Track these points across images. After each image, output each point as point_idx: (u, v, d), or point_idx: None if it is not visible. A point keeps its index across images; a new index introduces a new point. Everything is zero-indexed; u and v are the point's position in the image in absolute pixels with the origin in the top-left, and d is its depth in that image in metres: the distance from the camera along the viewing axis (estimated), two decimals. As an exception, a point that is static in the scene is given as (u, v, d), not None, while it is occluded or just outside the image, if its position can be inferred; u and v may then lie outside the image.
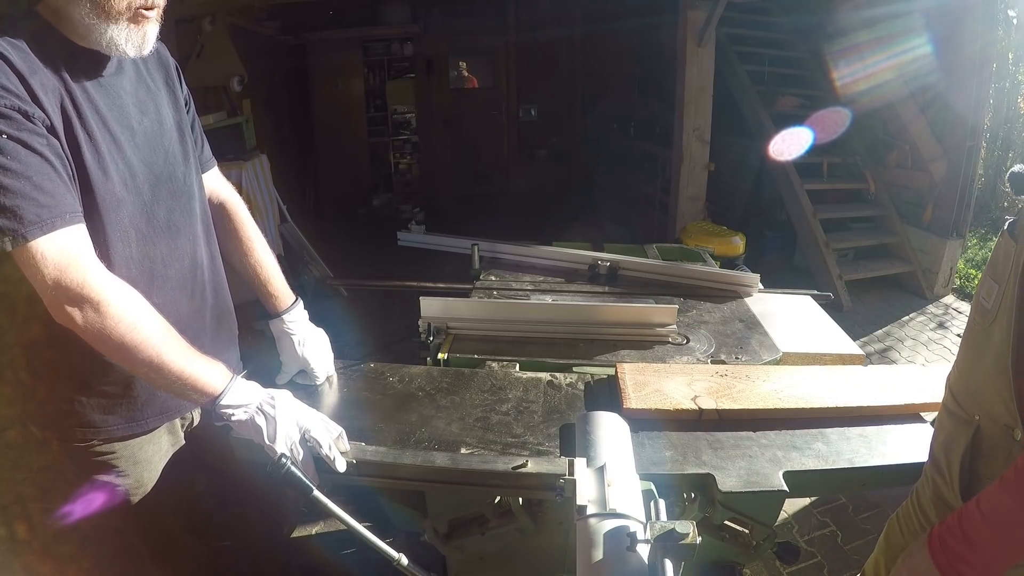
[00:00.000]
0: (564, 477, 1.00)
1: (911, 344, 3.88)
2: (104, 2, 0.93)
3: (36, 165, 0.89)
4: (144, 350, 0.96)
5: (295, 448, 1.04)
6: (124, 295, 0.96)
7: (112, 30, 0.95)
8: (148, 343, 0.96)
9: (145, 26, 0.99)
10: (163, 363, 0.97)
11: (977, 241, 5.49)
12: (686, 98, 4.79)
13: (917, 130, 4.61)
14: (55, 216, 0.91)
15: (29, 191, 0.88)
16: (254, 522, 1.52)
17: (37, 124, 0.90)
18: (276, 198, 4.42)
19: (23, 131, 0.88)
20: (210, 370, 1.03)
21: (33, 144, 0.89)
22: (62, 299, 0.92)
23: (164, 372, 0.98)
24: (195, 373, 1.01)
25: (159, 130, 1.10)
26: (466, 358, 1.64)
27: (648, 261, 2.37)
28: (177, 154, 1.13)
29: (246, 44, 4.95)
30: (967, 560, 0.88)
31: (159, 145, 1.10)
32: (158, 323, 0.99)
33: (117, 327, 0.94)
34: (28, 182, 0.88)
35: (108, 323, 0.93)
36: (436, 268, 2.68)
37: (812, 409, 1.31)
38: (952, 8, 4.18)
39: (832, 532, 2.28)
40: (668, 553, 0.81)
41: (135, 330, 0.95)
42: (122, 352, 0.96)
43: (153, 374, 0.99)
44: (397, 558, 1.04)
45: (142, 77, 1.11)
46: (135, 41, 0.98)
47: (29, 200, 0.88)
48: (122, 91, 1.05)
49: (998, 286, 0.95)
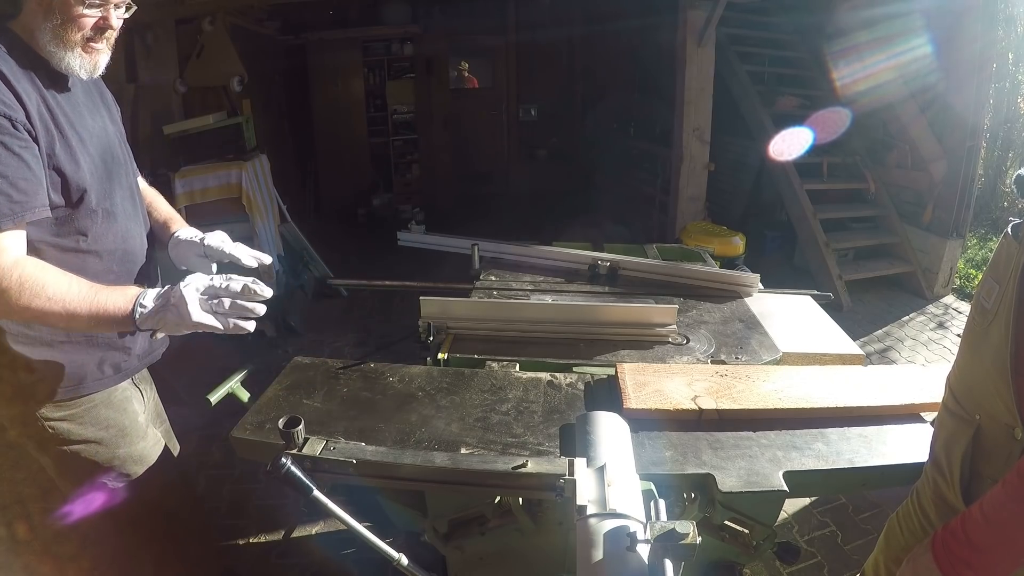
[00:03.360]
0: (564, 477, 1.00)
1: (911, 344, 3.88)
2: (62, 34, 1.13)
3: (14, 166, 1.05)
4: (52, 307, 1.07)
5: (214, 306, 1.10)
6: (21, 269, 1.06)
7: (68, 56, 1.15)
8: (52, 301, 1.06)
9: (96, 56, 1.18)
10: (72, 311, 1.07)
11: (977, 241, 5.48)
12: (686, 98, 4.79)
13: (917, 130, 4.60)
14: (25, 210, 1.07)
15: (5, 187, 1.04)
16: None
17: (20, 129, 1.06)
18: (276, 198, 4.41)
19: (5, 134, 1.04)
20: (116, 297, 1.11)
21: (11, 145, 1.05)
22: None
23: (78, 317, 1.08)
24: (103, 304, 1.09)
25: (105, 134, 1.30)
26: (466, 358, 1.64)
27: (648, 261, 2.37)
28: (119, 154, 1.34)
29: (246, 44, 4.95)
30: (971, 564, 0.88)
31: (107, 145, 1.29)
32: (58, 280, 1.08)
33: (20, 299, 1.05)
34: (5, 180, 1.04)
35: (11, 301, 1.04)
36: (436, 268, 2.68)
37: (812, 409, 1.31)
38: (952, 8, 4.18)
39: (832, 532, 2.28)
40: (668, 553, 0.81)
41: (36, 298, 1.05)
42: (37, 319, 1.10)
43: (73, 323, 1.10)
44: (397, 558, 1.04)
45: (89, 91, 1.31)
46: (87, 67, 1.18)
47: (4, 196, 1.04)
48: (78, 100, 1.24)
49: (998, 286, 0.95)
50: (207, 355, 2.52)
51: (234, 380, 1.45)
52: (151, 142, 3.95)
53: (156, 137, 3.97)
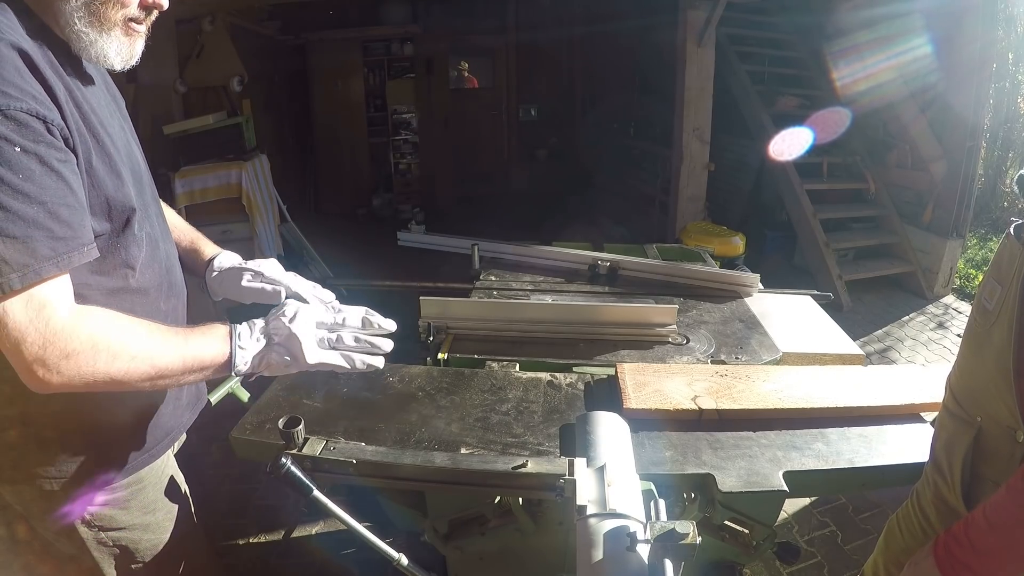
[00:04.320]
0: (564, 477, 1.00)
1: (911, 344, 3.88)
2: (99, 11, 0.86)
3: (51, 188, 0.78)
4: (138, 368, 0.86)
5: (332, 342, 0.99)
6: (86, 325, 0.83)
7: (103, 40, 0.88)
8: (137, 360, 0.86)
9: (135, 41, 0.93)
10: (162, 368, 0.88)
11: (977, 241, 5.48)
12: (686, 98, 4.79)
13: (917, 130, 4.61)
14: (71, 250, 0.81)
15: (42, 221, 0.77)
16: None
17: (56, 135, 0.80)
18: (276, 198, 4.42)
19: (40, 143, 0.78)
20: (209, 342, 0.93)
21: (49, 160, 0.78)
22: (31, 360, 0.79)
23: (168, 374, 0.89)
24: (197, 356, 0.92)
25: (124, 134, 1.03)
26: (466, 358, 1.64)
27: (648, 261, 2.37)
28: (140, 158, 1.07)
29: (246, 44, 4.95)
30: (973, 568, 0.88)
31: (131, 147, 1.04)
32: (135, 331, 0.87)
33: (96, 365, 0.82)
34: (41, 208, 0.77)
35: (85, 370, 0.82)
36: (436, 268, 2.68)
37: (812, 409, 1.31)
38: (952, 8, 4.18)
39: (832, 532, 2.28)
40: (668, 553, 0.81)
41: (116, 359, 0.84)
42: (115, 383, 0.85)
43: (160, 382, 0.90)
44: (397, 558, 1.04)
45: (103, 85, 1.04)
46: (124, 54, 0.92)
47: (43, 231, 0.77)
48: (100, 94, 0.99)
49: (1001, 287, 0.95)
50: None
51: (234, 380, 1.45)
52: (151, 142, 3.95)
53: (156, 137, 3.98)
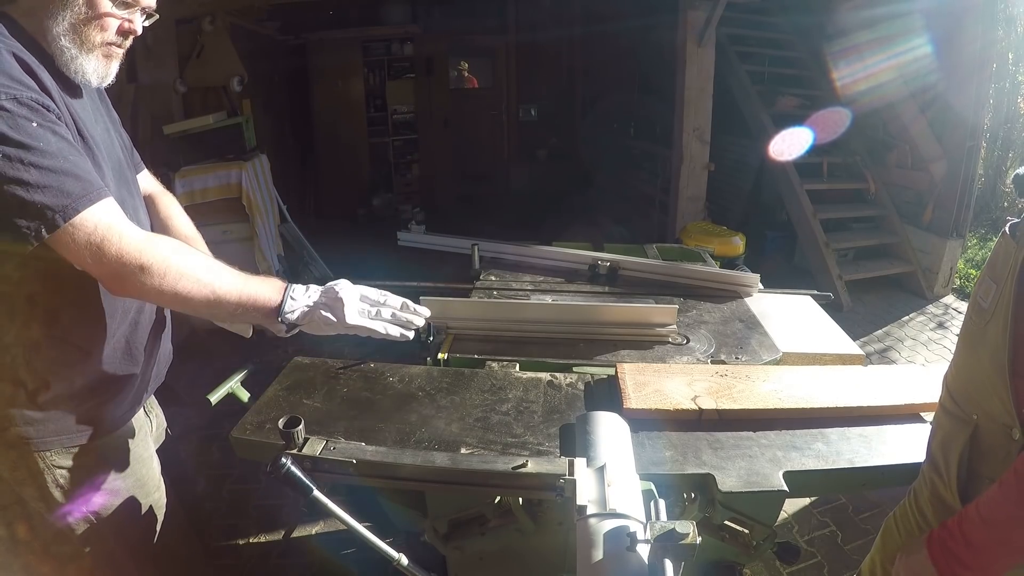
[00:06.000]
0: (564, 477, 1.00)
1: (911, 344, 3.88)
2: (82, 32, 1.00)
3: (67, 149, 0.94)
4: (201, 292, 1.01)
5: (368, 312, 1.11)
6: (160, 248, 0.99)
7: (83, 59, 1.02)
8: (202, 284, 1.01)
9: (111, 63, 1.08)
10: (221, 296, 1.03)
11: (977, 241, 5.48)
12: (686, 98, 4.79)
13: (917, 130, 4.61)
14: (95, 189, 0.95)
15: (70, 169, 0.93)
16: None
17: (56, 118, 0.95)
18: (276, 198, 4.42)
19: (48, 121, 0.93)
20: (265, 287, 1.08)
21: (60, 132, 0.94)
22: (109, 272, 0.97)
23: (224, 304, 1.04)
24: (252, 295, 1.06)
25: (108, 136, 1.18)
26: (466, 358, 1.64)
27: (648, 261, 2.37)
28: (122, 157, 1.22)
29: (246, 44, 4.95)
30: (966, 562, 0.88)
31: (113, 147, 1.18)
32: (200, 263, 1.03)
33: (164, 283, 0.98)
34: (66, 161, 0.93)
35: (156, 282, 0.97)
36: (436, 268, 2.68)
37: (812, 409, 1.31)
38: (952, 8, 4.18)
39: (832, 532, 2.28)
40: (668, 553, 0.81)
41: (182, 278, 1.00)
42: (180, 303, 1.02)
43: (215, 309, 1.05)
44: (397, 558, 1.04)
45: (89, 93, 1.17)
46: (100, 74, 1.06)
47: (72, 177, 0.93)
48: (86, 99, 1.13)
49: (996, 286, 0.95)
50: (207, 355, 2.52)
51: (234, 380, 1.45)
52: (151, 142, 3.95)
53: (156, 137, 3.98)
